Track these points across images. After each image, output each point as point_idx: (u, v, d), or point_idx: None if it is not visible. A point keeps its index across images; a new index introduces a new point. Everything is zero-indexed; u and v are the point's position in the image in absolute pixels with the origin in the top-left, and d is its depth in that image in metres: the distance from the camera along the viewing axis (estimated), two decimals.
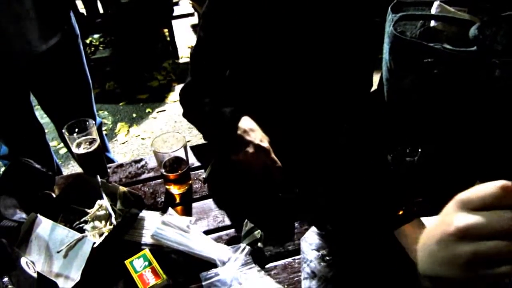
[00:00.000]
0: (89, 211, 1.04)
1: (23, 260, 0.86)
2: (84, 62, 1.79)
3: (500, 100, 0.98)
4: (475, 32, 1.04)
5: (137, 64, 3.98)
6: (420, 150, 0.93)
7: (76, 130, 1.14)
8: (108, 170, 1.23)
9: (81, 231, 0.99)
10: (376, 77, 1.34)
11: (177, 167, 1.10)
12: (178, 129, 3.10)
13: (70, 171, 2.72)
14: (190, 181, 1.16)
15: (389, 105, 1.21)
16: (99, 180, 1.07)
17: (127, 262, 0.92)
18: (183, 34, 4.48)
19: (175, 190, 1.14)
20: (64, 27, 1.60)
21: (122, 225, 1.00)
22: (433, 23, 1.13)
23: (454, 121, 1.05)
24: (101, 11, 3.97)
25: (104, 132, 2.41)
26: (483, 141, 1.05)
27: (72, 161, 2.80)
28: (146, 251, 0.94)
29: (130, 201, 1.05)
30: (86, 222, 1.03)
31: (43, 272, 0.90)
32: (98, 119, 2.02)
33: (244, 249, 0.94)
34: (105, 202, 1.04)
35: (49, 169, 1.15)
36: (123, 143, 3.00)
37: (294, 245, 0.98)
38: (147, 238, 1.00)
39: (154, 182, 1.19)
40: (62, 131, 1.13)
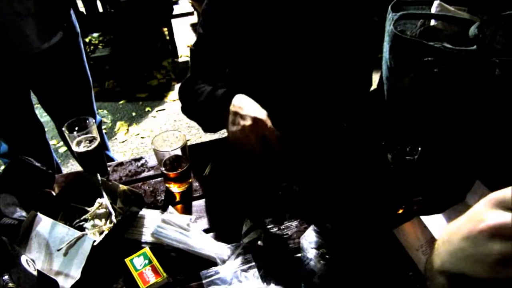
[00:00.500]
0: (89, 210, 1.04)
1: (23, 258, 0.86)
2: (85, 61, 1.79)
3: (500, 99, 0.98)
4: (475, 31, 1.04)
5: (137, 63, 3.98)
6: (420, 149, 0.94)
7: (76, 129, 1.14)
8: (108, 169, 1.23)
9: (81, 229, 0.99)
10: (376, 76, 1.34)
11: (177, 166, 1.10)
12: (178, 128, 3.10)
13: (70, 170, 2.72)
14: (190, 180, 1.16)
15: (389, 104, 1.21)
16: (99, 179, 1.07)
17: (127, 260, 0.92)
18: (183, 33, 4.48)
19: (175, 189, 1.14)
20: (64, 25, 1.60)
21: (122, 223, 1.00)
22: (433, 22, 1.14)
23: (454, 120, 1.06)
24: (101, 10, 3.96)
25: (104, 131, 2.41)
26: (483, 140, 1.05)
27: (72, 160, 2.80)
28: (146, 249, 0.94)
29: (130, 199, 1.05)
30: (86, 220, 1.03)
31: (43, 270, 0.90)
32: (98, 117, 2.02)
33: (244, 248, 0.94)
34: (105, 201, 1.04)
35: (49, 168, 1.15)
36: (123, 142, 3.00)
37: (294, 244, 0.98)
38: (147, 236, 1.00)
39: (154, 181, 1.19)
40: (62, 130, 1.13)
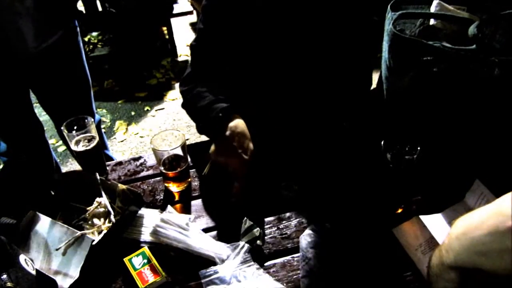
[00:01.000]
0: (88, 209, 1.04)
1: (22, 258, 0.86)
2: (84, 60, 1.79)
3: (499, 99, 0.98)
4: (474, 31, 1.04)
5: (136, 62, 3.97)
6: (419, 149, 0.93)
7: (75, 128, 1.14)
8: (107, 168, 1.23)
9: (80, 229, 0.99)
10: (375, 76, 1.34)
11: (176, 165, 1.10)
12: (177, 127, 3.09)
13: (69, 169, 2.72)
14: (189, 179, 1.16)
15: (389, 103, 1.21)
16: (98, 178, 1.07)
17: (126, 260, 0.92)
18: (182, 32, 4.48)
19: (174, 188, 1.13)
20: (65, 26, 1.59)
21: (121, 223, 1.00)
22: (433, 22, 1.14)
23: (453, 120, 1.06)
24: (100, 9, 3.96)
25: (103, 130, 2.40)
26: (482, 140, 1.05)
27: (71, 159, 2.80)
28: (145, 249, 0.94)
29: (129, 199, 1.05)
30: (85, 220, 1.03)
31: (42, 270, 0.89)
32: (97, 117, 2.01)
33: (243, 247, 0.94)
34: (104, 200, 1.04)
35: (48, 167, 1.15)
36: (122, 141, 3.00)
37: (293, 243, 0.98)
38: (146, 236, 1.00)
39: (153, 180, 1.18)
40: (61, 129, 1.12)
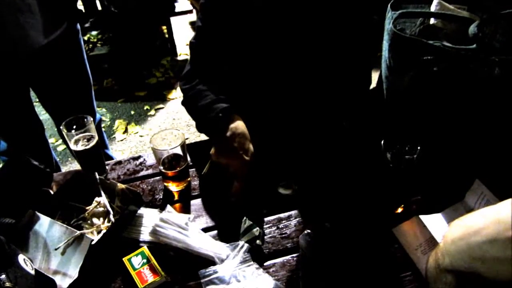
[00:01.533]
0: (87, 208, 1.04)
1: (21, 257, 0.85)
2: (85, 58, 1.78)
3: (499, 98, 0.98)
4: (475, 30, 1.04)
5: (135, 61, 3.97)
6: (419, 148, 0.93)
7: (74, 127, 1.13)
8: (107, 167, 1.23)
9: (79, 228, 0.99)
10: (375, 75, 1.33)
11: (176, 164, 1.10)
12: (177, 126, 3.09)
13: (69, 168, 2.72)
14: (189, 178, 1.16)
15: (388, 103, 1.21)
16: (97, 177, 1.07)
17: (125, 259, 0.92)
18: (182, 31, 4.47)
19: (174, 187, 1.13)
20: (66, 22, 1.59)
21: (121, 222, 1.00)
22: (433, 21, 1.13)
23: (454, 119, 1.05)
24: (99, 8, 3.95)
25: (103, 129, 2.40)
26: (483, 139, 1.05)
27: (71, 158, 2.80)
28: (145, 248, 0.94)
29: (129, 198, 1.05)
30: (84, 219, 1.03)
31: (41, 269, 0.89)
32: (98, 116, 2.01)
33: (243, 247, 0.94)
34: (103, 199, 1.04)
35: (48, 166, 1.14)
36: (121, 141, 2.99)
37: (293, 243, 0.98)
38: (146, 235, 0.99)
39: (153, 179, 1.18)
40: (61, 128, 1.12)
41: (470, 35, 1.04)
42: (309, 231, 0.98)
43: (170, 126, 3.11)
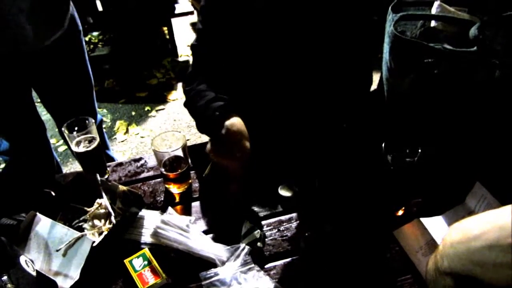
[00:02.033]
0: (89, 210, 1.04)
1: (22, 259, 0.86)
2: (86, 58, 1.78)
3: (500, 101, 0.98)
4: (475, 32, 1.04)
5: (136, 62, 3.97)
6: (420, 151, 0.93)
7: (76, 129, 1.14)
8: (108, 169, 1.23)
9: (81, 230, 0.99)
10: (376, 77, 1.34)
11: (177, 166, 1.10)
12: (177, 128, 3.09)
13: (69, 169, 2.72)
14: (190, 180, 1.16)
15: (389, 105, 1.21)
16: (99, 179, 1.07)
17: (127, 261, 0.92)
18: (183, 32, 4.47)
19: (175, 189, 1.13)
20: (64, 24, 1.59)
21: (122, 224, 1.00)
22: (434, 23, 1.13)
23: (454, 122, 1.06)
24: (100, 9, 3.96)
25: (104, 130, 2.40)
26: (483, 142, 1.05)
27: (72, 159, 2.80)
28: (146, 250, 0.94)
29: (130, 200, 1.05)
30: (86, 221, 1.03)
31: (42, 271, 0.89)
32: (99, 116, 2.01)
33: (244, 249, 0.94)
34: (105, 201, 1.04)
35: (49, 167, 1.15)
36: (122, 142, 2.99)
37: (294, 245, 0.98)
38: (147, 237, 1.00)
39: (154, 181, 1.18)
40: (62, 129, 1.12)
41: (471, 38, 1.04)
42: (310, 234, 0.99)
43: (171, 127, 3.11)
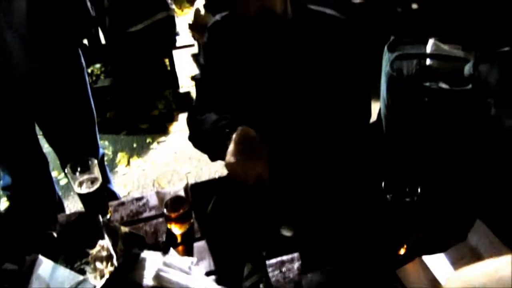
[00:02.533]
0: (91, 252, 1.04)
1: None
2: (89, 93, 1.81)
3: (497, 139, 0.99)
4: (470, 71, 1.06)
5: (138, 93, 4.02)
6: (420, 190, 0.94)
7: (79, 169, 1.15)
8: (110, 208, 1.23)
9: (82, 272, 0.99)
10: (375, 105, 1.34)
11: (179, 206, 1.10)
12: (178, 160, 3.11)
13: (71, 203, 2.72)
14: (192, 220, 1.16)
15: (388, 141, 1.22)
16: (101, 220, 1.08)
17: None
18: (184, 64, 4.54)
19: (177, 230, 1.13)
20: (69, 58, 1.63)
21: (124, 266, 1.00)
22: (429, 61, 1.16)
23: (453, 159, 1.07)
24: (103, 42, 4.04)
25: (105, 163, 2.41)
26: (482, 179, 1.06)
27: (73, 193, 2.80)
28: None
29: (132, 241, 1.05)
30: (88, 263, 1.03)
31: None
32: (101, 150, 2.02)
33: None
34: (107, 243, 1.04)
35: (51, 203, 1.15)
36: (124, 175, 3.00)
37: (296, 286, 0.97)
38: (149, 280, 0.99)
39: (156, 221, 1.19)
40: (65, 171, 1.14)
41: (466, 75, 1.07)
42: (312, 274, 0.98)
43: (172, 159, 3.12)
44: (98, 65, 4.47)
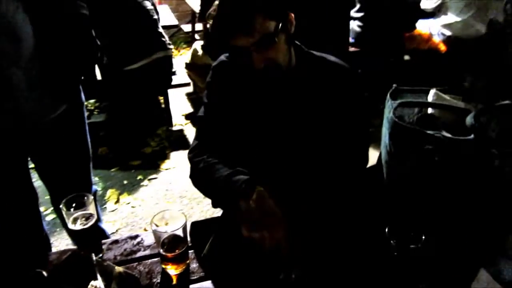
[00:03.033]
0: None
1: None
2: (87, 131, 1.79)
3: (501, 189, 1.00)
4: (472, 121, 1.08)
5: (131, 130, 4.01)
6: (424, 237, 0.93)
7: (73, 205, 1.12)
8: (103, 247, 1.19)
9: None
10: (371, 151, 1.34)
11: (175, 246, 1.07)
12: (169, 198, 3.06)
13: (56, 239, 2.64)
14: (188, 261, 1.13)
15: (390, 188, 1.22)
16: (94, 259, 1.04)
17: None
18: (178, 102, 4.57)
19: (172, 271, 1.09)
20: (70, 100, 1.62)
21: None
22: (430, 110, 1.18)
23: (456, 208, 1.06)
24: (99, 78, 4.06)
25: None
26: (486, 228, 1.05)
27: (59, 229, 2.72)
28: None
29: (126, 283, 1.01)
30: None
31: None
32: (94, 188, 1.98)
33: None
34: (99, 283, 1.00)
35: (39, 240, 1.11)
36: (113, 211, 2.94)
37: None
38: None
39: (150, 261, 1.15)
40: (60, 206, 1.10)
41: (468, 126, 1.08)
42: None
43: (163, 197, 3.08)
44: (92, 101, 4.48)
